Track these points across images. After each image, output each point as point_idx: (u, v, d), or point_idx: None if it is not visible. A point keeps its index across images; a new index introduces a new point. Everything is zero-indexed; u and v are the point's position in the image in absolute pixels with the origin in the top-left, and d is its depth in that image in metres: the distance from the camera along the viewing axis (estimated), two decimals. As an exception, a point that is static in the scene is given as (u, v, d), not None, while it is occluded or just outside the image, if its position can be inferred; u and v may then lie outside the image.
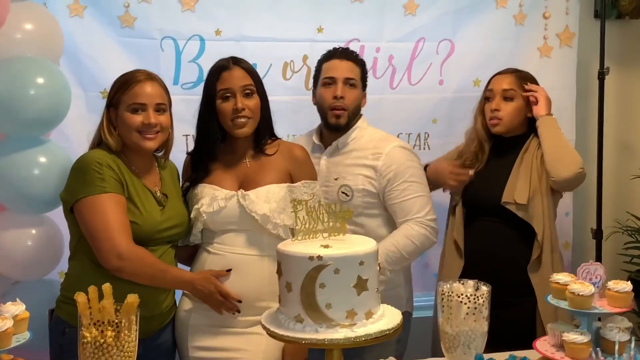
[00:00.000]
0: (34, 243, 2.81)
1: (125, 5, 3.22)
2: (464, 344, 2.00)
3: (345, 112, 2.78)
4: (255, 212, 2.43)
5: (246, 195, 2.46)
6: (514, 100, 2.94)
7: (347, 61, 2.81)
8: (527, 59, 3.65)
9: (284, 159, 2.58)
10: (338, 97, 2.76)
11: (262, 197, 2.46)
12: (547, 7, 3.67)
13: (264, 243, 2.48)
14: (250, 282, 2.45)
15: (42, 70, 2.73)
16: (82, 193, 2.34)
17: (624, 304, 2.15)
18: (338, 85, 2.77)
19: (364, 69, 2.87)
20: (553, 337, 2.23)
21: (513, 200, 2.82)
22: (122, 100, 2.46)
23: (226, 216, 2.48)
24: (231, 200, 2.47)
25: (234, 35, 3.35)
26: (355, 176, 2.76)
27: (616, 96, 3.95)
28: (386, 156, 2.75)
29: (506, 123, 2.94)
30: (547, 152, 2.82)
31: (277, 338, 1.93)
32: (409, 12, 3.53)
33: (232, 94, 2.50)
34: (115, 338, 1.80)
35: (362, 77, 2.85)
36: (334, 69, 2.80)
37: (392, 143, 2.81)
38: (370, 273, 1.91)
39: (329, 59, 2.84)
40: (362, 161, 2.77)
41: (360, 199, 2.75)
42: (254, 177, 2.53)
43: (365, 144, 2.80)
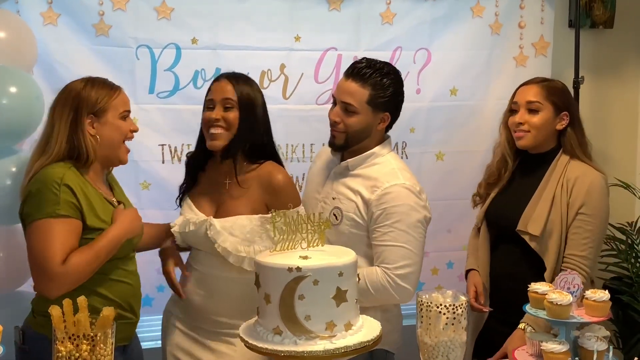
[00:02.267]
0: (5, 255, 2.76)
1: (99, 14, 3.18)
2: (443, 354, 2.00)
3: (343, 134, 2.58)
4: (218, 244, 2.44)
5: (212, 225, 2.47)
6: (539, 112, 2.70)
7: (352, 82, 2.54)
8: (503, 68, 3.68)
9: (260, 187, 2.50)
10: (331, 121, 2.60)
11: (227, 229, 2.45)
12: (522, 17, 3.70)
13: (233, 267, 2.46)
14: (220, 302, 2.52)
15: (15, 79, 2.69)
16: (33, 216, 2.26)
17: (602, 313, 2.16)
18: (335, 109, 2.59)
19: (381, 89, 2.55)
20: (532, 346, 2.23)
21: (527, 229, 2.63)
22: (109, 107, 2.39)
23: (194, 240, 2.57)
24: (201, 227, 2.49)
25: (210, 44, 3.33)
26: (349, 202, 2.57)
27: (591, 105, 3.99)
28: (382, 192, 2.51)
29: (532, 136, 2.70)
30: None
31: (255, 350, 1.91)
32: (386, 22, 3.53)
33: (214, 105, 2.50)
34: (90, 352, 1.77)
35: (371, 101, 2.54)
36: (337, 88, 2.62)
37: (396, 180, 2.53)
38: (349, 284, 1.90)
39: (344, 73, 2.61)
40: (360, 190, 2.55)
41: (347, 227, 2.56)
42: (229, 203, 2.52)
43: (371, 173, 2.57)
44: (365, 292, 2.43)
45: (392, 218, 2.48)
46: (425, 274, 3.66)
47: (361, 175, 2.59)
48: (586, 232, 2.60)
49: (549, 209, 2.64)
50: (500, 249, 2.79)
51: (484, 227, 2.84)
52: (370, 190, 2.53)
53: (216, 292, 2.52)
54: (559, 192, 2.64)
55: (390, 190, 2.51)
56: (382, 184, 2.52)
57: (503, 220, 2.75)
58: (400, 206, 2.49)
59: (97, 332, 1.79)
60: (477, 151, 3.58)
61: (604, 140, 4.03)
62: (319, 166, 2.80)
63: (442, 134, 3.66)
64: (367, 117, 2.56)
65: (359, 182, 2.58)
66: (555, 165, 2.71)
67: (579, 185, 2.63)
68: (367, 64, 2.57)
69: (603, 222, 2.65)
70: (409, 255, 2.49)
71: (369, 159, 2.60)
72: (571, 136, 2.73)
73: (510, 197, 2.78)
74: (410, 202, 2.51)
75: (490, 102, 3.63)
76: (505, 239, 2.75)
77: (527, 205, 2.68)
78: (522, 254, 2.68)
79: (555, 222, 2.62)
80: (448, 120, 3.66)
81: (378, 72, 2.55)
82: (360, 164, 2.61)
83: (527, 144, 2.73)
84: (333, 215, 2.58)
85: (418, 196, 2.55)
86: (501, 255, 2.78)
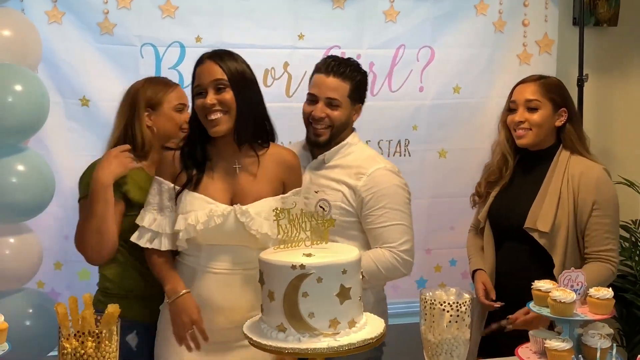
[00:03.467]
0: (12, 252, 2.77)
1: (104, 12, 3.19)
2: (447, 352, 2.01)
3: (327, 130, 2.67)
4: (257, 230, 2.32)
5: (245, 212, 2.33)
6: (539, 110, 2.72)
7: (334, 78, 2.64)
8: (506, 66, 3.68)
9: (276, 166, 2.45)
10: (317, 119, 2.65)
11: (262, 214, 2.34)
12: (526, 15, 3.69)
13: (254, 256, 2.29)
14: (242, 296, 2.37)
15: (20, 78, 2.70)
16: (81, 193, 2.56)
17: (606, 310, 2.16)
18: (318, 105, 2.65)
19: (357, 84, 2.70)
20: (535, 344, 2.23)
21: (535, 226, 2.65)
22: (164, 100, 2.64)
23: (222, 232, 2.34)
24: (229, 216, 2.33)
25: (214, 42, 3.32)
26: (334, 192, 2.65)
27: (595, 103, 3.99)
28: (368, 177, 2.62)
29: (534, 134, 2.72)
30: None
31: (259, 347, 1.92)
32: (389, 19, 3.53)
33: (204, 90, 2.37)
34: (95, 349, 1.78)
35: (352, 94, 2.68)
36: (317, 86, 2.68)
37: (377, 164, 2.67)
38: (353, 282, 1.90)
39: (317, 70, 2.70)
40: (344, 179, 2.65)
41: (336, 216, 2.58)
42: (247, 187, 2.39)
43: (351, 162, 2.68)
44: (376, 274, 2.58)
45: (384, 200, 2.61)
46: (428, 271, 3.70)
47: (339, 165, 2.69)
48: (605, 226, 2.65)
49: (556, 205, 2.65)
50: (504, 247, 2.79)
51: (487, 227, 2.84)
52: (355, 177, 2.64)
53: (238, 288, 2.37)
54: (564, 188, 2.67)
55: (376, 175, 2.64)
56: (365, 170, 2.64)
57: (508, 218, 2.75)
58: (389, 187, 2.63)
59: (102, 329, 1.80)
60: (480, 149, 3.57)
61: (608, 138, 4.03)
62: None
63: (445, 132, 3.66)
64: (348, 110, 2.69)
65: (340, 172, 2.67)
66: (557, 161, 2.73)
67: (585, 181, 2.66)
68: (340, 60, 2.71)
69: (616, 211, 2.71)
70: (406, 231, 2.64)
71: (342, 149, 2.71)
72: (571, 132, 2.75)
73: (514, 195, 2.78)
74: (396, 182, 2.66)
75: (494, 100, 3.63)
76: (509, 237, 2.76)
77: (533, 203, 2.69)
78: (526, 251, 2.69)
79: (562, 218, 2.64)
80: (451, 118, 3.66)
81: (352, 67, 2.70)
82: (335, 155, 2.71)
83: (528, 142, 2.74)
84: (320, 208, 2.64)
85: (400, 176, 2.71)
86: (505, 253, 2.78)
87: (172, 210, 2.41)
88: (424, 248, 3.69)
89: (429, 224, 3.68)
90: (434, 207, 3.68)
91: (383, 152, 3.58)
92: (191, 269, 2.41)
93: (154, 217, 2.42)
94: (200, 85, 2.39)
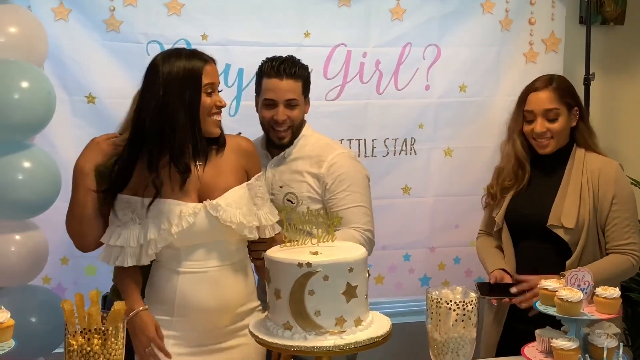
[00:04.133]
0: (18, 249, 2.77)
1: (110, 9, 3.20)
2: (453, 350, 2.00)
3: (289, 131, 2.74)
4: (231, 221, 2.29)
5: (216, 205, 2.29)
6: (559, 117, 2.70)
7: (288, 80, 2.69)
8: (513, 65, 3.68)
9: (235, 155, 2.42)
10: (280, 122, 2.70)
11: (232, 204, 2.32)
12: (532, 13, 3.68)
13: (234, 249, 2.38)
14: (230, 292, 2.35)
15: (27, 75, 2.71)
16: None
17: (612, 310, 2.16)
18: (279, 109, 2.69)
19: (306, 80, 2.77)
20: (541, 343, 2.22)
21: (560, 223, 2.64)
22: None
23: (196, 232, 2.29)
24: (199, 213, 2.29)
25: (220, 40, 3.34)
26: (299, 184, 2.72)
27: (602, 102, 3.98)
28: (328, 164, 2.71)
29: (556, 142, 2.71)
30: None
31: (265, 345, 1.93)
32: (395, 18, 3.53)
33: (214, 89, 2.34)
34: (101, 346, 1.78)
35: (304, 90, 2.76)
36: (273, 90, 2.69)
37: (335, 151, 2.77)
38: (359, 280, 1.90)
39: (268, 75, 2.70)
40: (306, 168, 2.73)
41: (305, 207, 2.61)
42: (213, 182, 2.34)
43: (310, 152, 2.76)
44: None
45: (345, 183, 2.70)
46: (432, 269, 3.70)
47: (299, 157, 2.76)
48: (625, 220, 2.66)
49: (578, 201, 2.66)
50: (521, 246, 2.77)
51: (505, 228, 2.81)
52: (317, 165, 2.73)
53: (225, 285, 2.35)
54: (585, 184, 2.68)
55: (336, 160, 2.73)
56: (325, 157, 2.73)
57: (528, 218, 2.73)
58: (348, 172, 2.73)
59: (109, 327, 1.80)
60: (486, 147, 3.58)
61: (614, 137, 4.02)
62: None
63: (451, 130, 3.66)
64: (303, 106, 2.77)
65: (301, 164, 2.75)
66: (574, 159, 2.74)
67: (605, 176, 2.68)
68: (285, 60, 2.74)
69: (634, 206, 2.72)
70: (368, 212, 2.73)
71: (299, 142, 2.78)
72: (583, 129, 2.77)
73: (533, 195, 2.76)
74: (355, 166, 2.78)
75: (500, 98, 3.63)
76: (527, 237, 2.74)
77: (555, 201, 2.69)
78: (546, 249, 2.69)
79: (584, 214, 2.65)
80: (457, 116, 3.65)
81: (299, 65, 2.75)
82: (294, 149, 2.77)
83: (552, 150, 2.73)
84: (287, 201, 2.71)
85: (357, 160, 2.85)
86: (524, 252, 2.76)
87: (136, 222, 2.30)
88: (428, 246, 3.69)
89: (433, 222, 3.68)
90: (439, 205, 3.68)
91: (389, 151, 3.59)
92: (172, 272, 2.34)
93: (119, 233, 2.30)
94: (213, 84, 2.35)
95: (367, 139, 3.57)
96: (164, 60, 2.31)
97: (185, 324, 2.33)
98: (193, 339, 2.34)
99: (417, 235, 3.69)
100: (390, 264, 3.64)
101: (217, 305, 2.33)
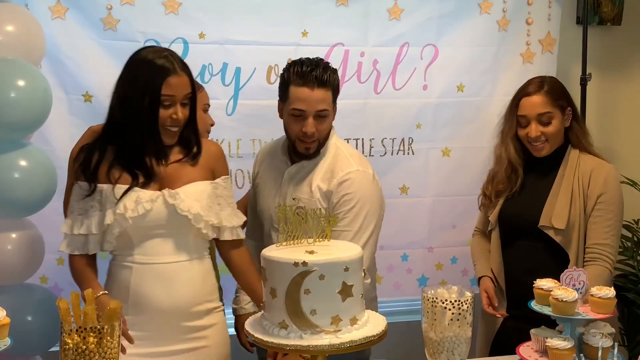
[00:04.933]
0: (14, 247, 2.77)
1: (107, 8, 3.19)
2: (448, 349, 2.01)
3: (316, 142, 2.58)
4: (188, 211, 2.28)
5: (175, 194, 2.29)
6: (552, 121, 2.72)
7: (320, 89, 2.50)
8: (509, 65, 3.68)
9: (203, 156, 2.41)
10: (309, 135, 2.53)
11: (191, 196, 2.31)
12: (530, 13, 3.68)
13: (190, 245, 2.36)
14: (184, 290, 2.34)
15: (23, 73, 2.70)
16: None
17: (607, 310, 2.17)
18: (309, 120, 2.52)
19: (336, 86, 2.60)
20: (536, 342, 2.23)
21: (551, 224, 2.66)
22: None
23: (153, 219, 2.28)
24: (157, 201, 2.28)
25: (217, 39, 3.33)
26: (310, 200, 2.56)
27: (598, 102, 3.99)
28: (338, 180, 2.55)
29: (550, 145, 2.74)
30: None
31: (261, 344, 1.92)
32: (393, 17, 3.53)
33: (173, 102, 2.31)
34: (97, 345, 1.78)
35: (334, 98, 2.59)
36: (304, 101, 2.51)
37: (351, 167, 2.57)
38: (355, 279, 1.90)
39: (299, 84, 2.51)
40: (318, 184, 2.58)
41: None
42: (176, 175, 2.34)
43: (326, 165, 2.61)
44: None
45: (349, 204, 2.53)
46: (429, 269, 3.71)
47: (316, 169, 2.61)
48: (607, 221, 2.66)
49: (569, 202, 2.67)
50: (515, 246, 2.79)
51: (496, 229, 2.83)
52: (327, 182, 2.57)
53: (179, 281, 2.33)
54: (576, 185, 2.69)
55: (347, 178, 2.55)
56: (337, 172, 2.57)
57: (521, 218, 2.75)
58: (357, 192, 2.54)
59: (104, 325, 1.80)
60: (484, 147, 3.56)
61: (610, 137, 4.03)
62: (269, 173, 2.75)
63: (449, 130, 3.66)
64: (332, 115, 2.61)
65: (315, 178, 2.60)
66: (567, 160, 2.75)
67: (595, 177, 2.69)
68: (319, 67, 2.53)
69: (621, 210, 2.71)
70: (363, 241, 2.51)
71: (322, 152, 2.63)
72: (577, 129, 2.79)
73: (526, 196, 2.78)
74: (368, 187, 2.57)
75: (497, 98, 3.63)
76: (521, 237, 2.76)
77: (547, 201, 2.71)
78: (539, 249, 2.71)
79: (575, 214, 2.67)
80: (455, 116, 3.66)
81: (330, 71, 2.55)
82: (313, 160, 2.63)
83: (547, 153, 2.76)
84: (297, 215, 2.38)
85: (374, 180, 2.61)
86: (517, 252, 2.78)
87: (97, 209, 2.29)
88: (425, 246, 3.70)
89: (431, 222, 3.68)
90: (437, 206, 3.68)
91: (387, 151, 3.59)
92: (125, 267, 2.33)
93: (81, 222, 2.30)
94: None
95: (365, 139, 3.57)
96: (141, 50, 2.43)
97: (140, 323, 2.29)
98: (148, 339, 2.30)
99: (415, 236, 3.69)
100: (389, 264, 3.64)
101: (169, 302, 2.31)
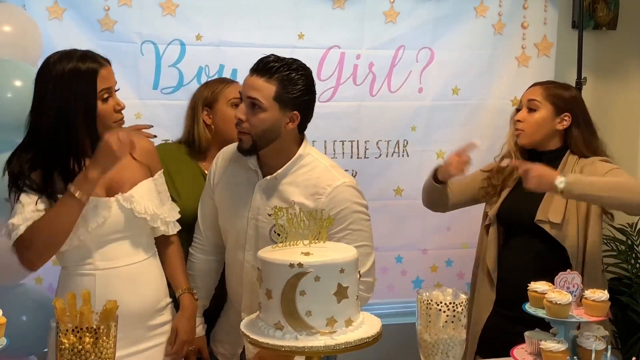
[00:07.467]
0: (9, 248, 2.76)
1: (105, 9, 3.19)
2: (443, 352, 2.01)
3: (248, 136, 2.34)
4: (145, 212, 2.30)
5: (130, 197, 2.29)
6: (537, 111, 2.79)
7: (258, 77, 2.30)
8: (505, 68, 3.70)
9: (137, 153, 2.37)
10: (236, 119, 2.36)
11: (144, 197, 2.33)
12: (525, 17, 3.70)
13: (144, 244, 2.38)
14: (148, 289, 2.38)
15: (20, 73, 2.71)
16: None
17: (601, 312, 2.17)
18: (240, 105, 2.36)
19: (286, 86, 2.31)
20: (531, 345, 2.24)
21: (547, 218, 2.70)
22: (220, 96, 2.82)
23: (111, 226, 2.27)
24: (113, 207, 2.28)
25: (214, 40, 3.34)
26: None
27: (593, 106, 3.96)
28: (328, 197, 2.35)
29: (528, 134, 2.80)
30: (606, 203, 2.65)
31: (256, 345, 1.93)
32: (389, 20, 3.54)
33: (110, 94, 2.29)
34: (93, 345, 1.79)
35: (279, 98, 2.31)
36: (243, 84, 2.37)
37: (337, 180, 2.37)
38: (350, 281, 1.91)
39: (250, 70, 2.37)
40: (300, 200, 2.35)
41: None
42: (119, 177, 2.31)
43: (306, 180, 2.39)
44: None
45: (347, 220, 2.36)
46: (424, 272, 3.72)
47: (294, 182, 2.39)
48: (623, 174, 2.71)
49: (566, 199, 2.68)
50: (512, 242, 2.82)
51: (494, 225, 2.86)
52: (312, 199, 2.36)
53: (144, 281, 2.36)
54: None
55: (335, 194, 2.36)
56: (323, 189, 2.36)
57: (519, 215, 2.79)
58: (351, 205, 2.37)
59: (100, 325, 1.80)
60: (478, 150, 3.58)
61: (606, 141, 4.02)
62: (231, 180, 2.52)
63: (444, 133, 3.67)
64: (273, 115, 2.32)
65: (296, 192, 2.38)
66: (565, 162, 2.79)
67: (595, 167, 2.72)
68: (274, 58, 2.35)
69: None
70: (369, 252, 2.42)
71: (296, 164, 2.40)
72: (577, 137, 2.81)
73: (524, 194, 2.77)
74: (357, 199, 2.40)
75: (492, 101, 3.65)
76: (518, 234, 2.80)
77: (544, 198, 2.74)
78: (536, 245, 2.74)
79: (571, 209, 2.71)
80: (449, 119, 3.67)
81: (286, 67, 2.33)
82: (288, 171, 2.40)
83: (523, 141, 2.82)
84: (275, 234, 2.13)
85: (358, 189, 2.42)
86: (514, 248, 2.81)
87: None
88: (420, 248, 3.71)
89: (425, 224, 3.69)
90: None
91: (382, 153, 3.60)
92: (89, 276, 2.29)
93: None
94: (109, 89, 2.32)
95: (360, 141, 3.58)
96: (56, 63, 2.26)
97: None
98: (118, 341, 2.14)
99: (409, 238, 3.70)
100: (383, 266, 3.64)
101: (137, 303, 2.33)
